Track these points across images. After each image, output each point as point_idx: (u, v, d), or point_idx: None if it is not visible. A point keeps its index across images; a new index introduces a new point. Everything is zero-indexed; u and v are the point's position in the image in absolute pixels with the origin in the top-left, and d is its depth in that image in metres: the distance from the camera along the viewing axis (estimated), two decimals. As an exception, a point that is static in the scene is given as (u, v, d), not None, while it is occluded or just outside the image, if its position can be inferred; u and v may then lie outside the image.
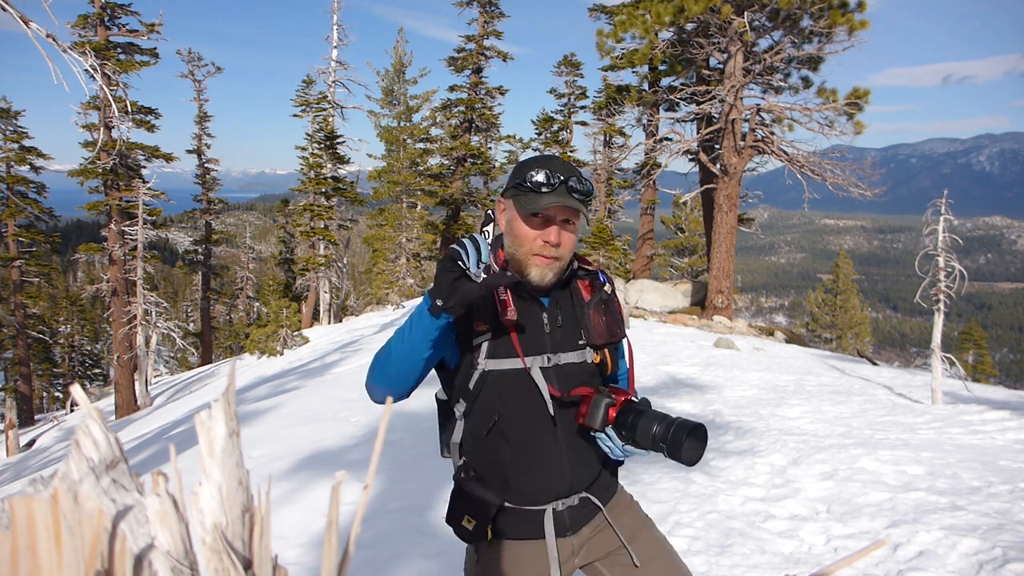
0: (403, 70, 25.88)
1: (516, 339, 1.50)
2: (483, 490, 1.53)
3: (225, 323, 42.12)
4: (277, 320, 16.93)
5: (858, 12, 13.90)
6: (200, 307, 33.00)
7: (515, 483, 1.56)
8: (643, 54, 15.54)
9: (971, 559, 3.15)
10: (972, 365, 26.30)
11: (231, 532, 0.44)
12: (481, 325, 1.51)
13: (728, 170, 15.05)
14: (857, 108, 14.40)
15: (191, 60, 31.34)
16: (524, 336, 1.52)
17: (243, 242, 44.23)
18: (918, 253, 7.42)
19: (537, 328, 1.55)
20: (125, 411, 18.65)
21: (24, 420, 22.84)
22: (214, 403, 0.45)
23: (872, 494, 4.06)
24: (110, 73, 17.03)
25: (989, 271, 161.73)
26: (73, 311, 36.27)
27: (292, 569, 3.31)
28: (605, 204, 30.93)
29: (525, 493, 1.56)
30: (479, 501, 1.52)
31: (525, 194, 1.49)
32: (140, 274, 19.57)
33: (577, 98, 32.04)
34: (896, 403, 6.86)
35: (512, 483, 1.56)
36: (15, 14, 4.07)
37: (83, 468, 0.43)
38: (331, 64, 28.26)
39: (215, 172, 32.72)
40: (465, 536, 1.57)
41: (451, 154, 29.39)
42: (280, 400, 8.10)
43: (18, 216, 24.04)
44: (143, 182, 20.03)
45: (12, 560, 0.40)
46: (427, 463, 4.95)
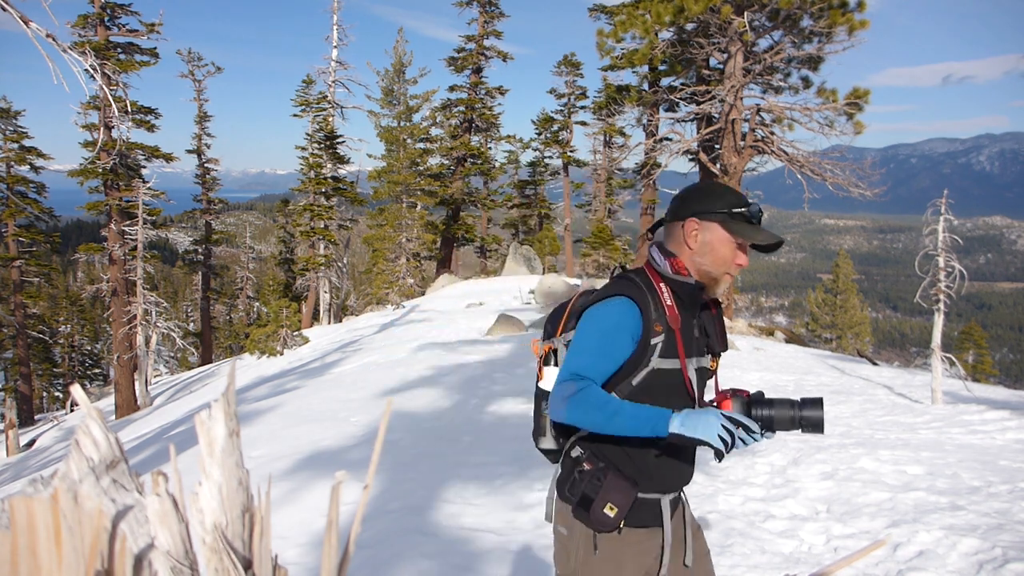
0: (403, 70, 25.87)
1: (681, 342, 1.67)
2: (624, 479, 1.64)
3: (225, 323, 42.11)
4: (277, 320, 16.93)
5: (858, 12, 13.89)
6: (200, 307, 33.00)
7: (656, 475, 1.69)
8: (643, 54, 15.54)
9: (971, 559, 3.15)
10: (972, 365, 26.29)
11: (231, 532, 0.44)
12: (659, 327, 1.66)
13: (728, 170, 15.05)
14: (857, 108, 14.40)
15: (191, 60, 31.33)
16: (685, 340, 1.70)
17: (243, 242, 44.23)
18: (918, 253, 7.42)
19: (691, 333, 1.73)
20: (125, 411, 18.65)
21: (24, 420, 22.84)
22: (214, 403, 0.45)
23: (872, 494, 4.05)
24: (110, 73, 17.03)
25: (989, 271, 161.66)
26: (73, 311, 36.27)
27: (292, 569, 3.31)
28: (605, 204, 30.91)
29: (658, 484, 1.70)
30: (625, 489, 1.62)
31: (738, 223, 1.69)
32: (140, 274, 19.57)
33: (577, 98, 32.03)
34: (896, 403, 6.86)
35: (653, 475, 1.69)
36: (15, 14, 4.07)
37: (83, 468, 0.43)
38: (331, 64, 28.24)
39: (215, 172, 32.71)
40: (602, 524, 1.64)
41: (451, 154, 29.38)
42: (280, 400, 8.10)
43: (18, 216, 24.04)
44: (143, 182, 20.02)
45: (12, 560, 0.40)
46: (427, 463, 4.95)
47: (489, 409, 6.49)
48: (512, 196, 34.30)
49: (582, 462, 1.68)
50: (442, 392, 7.26)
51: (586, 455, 1.69)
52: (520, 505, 4.11)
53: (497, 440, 5.50)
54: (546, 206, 33.83)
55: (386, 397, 7.22)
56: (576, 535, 1.71)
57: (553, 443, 1.80)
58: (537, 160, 33.55)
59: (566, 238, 31.32)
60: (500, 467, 4.82)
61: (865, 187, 14.69)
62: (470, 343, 10.56)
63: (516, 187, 34.33)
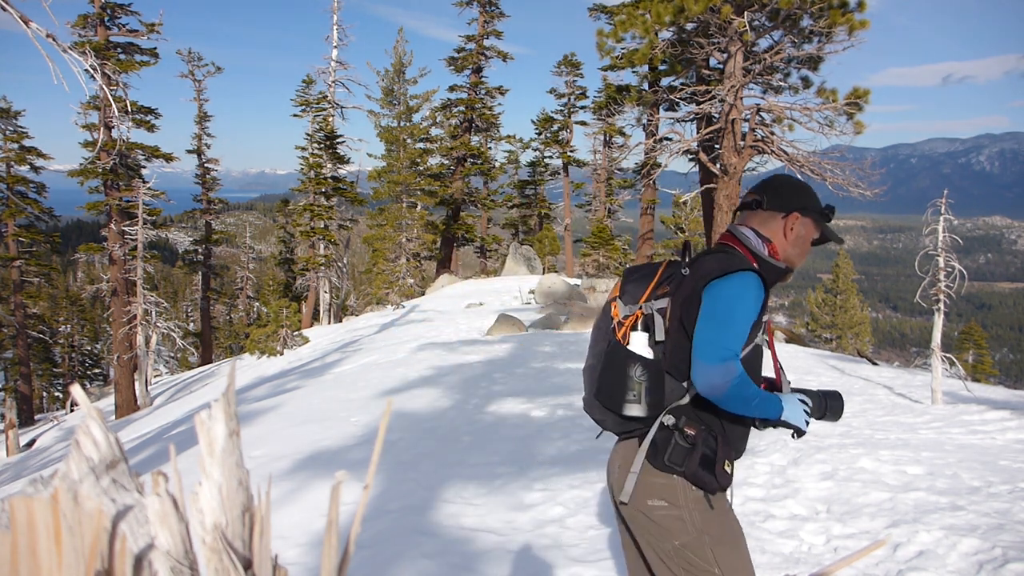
0: (403, 70, 25.85)
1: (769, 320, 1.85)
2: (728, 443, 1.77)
3: (225, 323, 42.10)
4: (277, 320, 16.92)
5: (858, 12, 13.88)
6: (200, 307, 32.99)
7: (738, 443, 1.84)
8: (643, 54, 15.53)
9: (971, 559, 3.15)
10: (972, 365, 26.29)
11: (231, 532, 0.44)
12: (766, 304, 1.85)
13: (728, 170, 15.04)
14: (857, 108, 14.38)
15: (191, 60, 31.32)
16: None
17: (243, 242, 44.21)
18: (918, 253, 7.41)
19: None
20: (125, 411, 18.64)
21: (24, 420, 22.84)
22: (214, 403, 0.45)
23: (872, 494, 4.05)
24: (110, 73, 17.03)
25: (989, 271, 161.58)
26: (73, 311, 36.26)
27: (292, 569, 3.31)
28: (605, 204, 30.91)
29: (737, 451, 1.84)
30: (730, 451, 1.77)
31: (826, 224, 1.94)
32: (140, 274, 19.56)
33: (577, 98, 32.02)
34: (896, 403, 6.86)
35: (738, 443, 1.83)
36: (15, 14, 4.07)
37: (83, 468, 0.43)
38: (331, 64, 28.24)
39: (215, 172, 32.70)
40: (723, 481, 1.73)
41: (451, 154, 29.37)
42: (280, 400, 8.10)
43: (18, 216, 24.03)
44: (143, 182, 20.02)
45: (12, 560, 0.40)
46: (427, 463, 4.95)
47: (489, 409, 6.49)
48: (512, 196, 34.30)
49: (683, 428, 1.71)
50: (442, 392, 7.27)
51: (684, 421, 1.72)
52: (519, 505, 4.11)
53: (497, 440, 5.50)
54: (546, 206, 33.83)
55: (386, 397, 7.22)
56: (683, 501, 1.73)
57: (645, 411, 1.75)
58: (537, 160, 33.54)
59: (566, 238, 31.32)
60: (500, 467, 4.83)
61: (865, 187, 14.68)
62: (470, 343, 10.56)
63: (516, 187, 34.33)
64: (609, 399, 1.77)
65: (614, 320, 1.85)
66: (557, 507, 4.05)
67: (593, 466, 4.74)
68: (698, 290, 1.74)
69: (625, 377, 1.75)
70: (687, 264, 1.83)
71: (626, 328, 1.81)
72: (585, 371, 1.94)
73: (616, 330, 1.82)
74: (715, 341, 1.66)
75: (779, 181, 1.94)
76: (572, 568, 3.27)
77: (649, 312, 1.80)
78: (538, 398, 6.79)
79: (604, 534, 3.66)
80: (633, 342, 1.79)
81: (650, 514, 1.75)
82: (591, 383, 1.87)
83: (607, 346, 1.81)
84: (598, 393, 1.80)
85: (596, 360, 1.85)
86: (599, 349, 1.85)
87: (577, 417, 6.06)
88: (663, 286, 1.83)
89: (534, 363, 8.62)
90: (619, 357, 1.77)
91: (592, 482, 4.43)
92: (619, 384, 1.75)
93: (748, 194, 1.97)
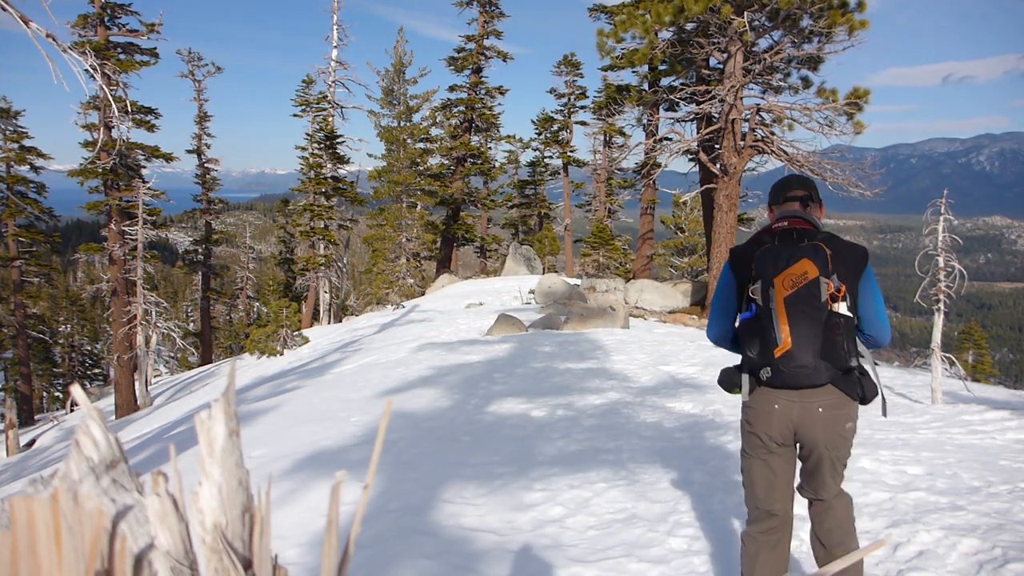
0: (403, 70, 25.85)
1: None
2: None
3: (225, 323, 42.10)
4: (277, 320, 16.92)
5: (858, 12, 13.87)
6: (200, 307, 32.99)
7: None
8: (643, 54, 15.52)
9: (971, 559, 3.15)
10: (972, 365, 26.28)
11: (231, 532, 0.44)
12: None
13: (728, 170, 15.04)
14: (857, 108, 14.38)
15: (191, 60, 31.32)
16: None
17: (243, 242, 44.21)
18: (918, 253, 7.42)
19: None
20: (125, 411, 18.65)
21: (24, 420, 22.84)
22: (214, 403, 0.45)
23: (872, 494, 4.05)
24: (110, 73, 17.04)
25: (989, 271, 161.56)
26: (73, 311, 36.26)
27: (292, 569, 3.32)
28: (605, 204, 30.91)
29: None
30: None
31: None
32: (140, 274, 19.57)
33: (577, 98, 32.02)
34: (896, 403, 6.85)
35: None
36: (15, 14, 4.07)
37: (83, 468, 0.43)
38: (331, 64, 28.23)
39: (215, 172, 32.70)
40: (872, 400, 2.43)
41: (451, 154, 29.36)
42: (280, 400, 8.10)
43: (18, 216, 24.03)
44: (143, 182, 20.02)
45: (12, 560, 0.40)
46: (427, 463, 4.95)
47: (489, 409, 6.49)
48: (512, 196, 34.30)
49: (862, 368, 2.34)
50: (442, 392, 7.27)
51: (859, 366, 2.33)
52: (519, 505, 4.11)
53: (497, 440, 5.50)
54: (546, 206, 33.83)
55: (386, 397, 7.22)
56: (854, 414, 2.36)
57: (855, 362, 2.28)
58: (537, 160, 33.54)
59: (566, 238, 31.32)
60: (500, 467, 4.83)
61: (865, 187, 14.67)
62: (470, 343, 10.56)
63: (516, 187, 34.33)
64: (836, 359, 2.24)
65: (826, 293, 2.24)
66: (557, 507, 4.05)
67: (593, 466, 4.74)
68: (860, 269, 2.32)
69: (846, 339, 2.25)
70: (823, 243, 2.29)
71: (835, 295, 2.26)
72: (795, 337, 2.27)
73: (830, 302, 2.25)
74: (883, 310, 2.38)
75: (810, 181, 2.48)
76: (572, 568, 3.28)
77: (838, 285, 2.27)
78: (538, 398, 6.79)
79: (604, 534, 3.66)
80: (841, 307, 2.27)
81: (846, 434, 2.34)
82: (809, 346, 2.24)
83: (827, 315, 2.24)
84: (824, 355, 2.24)
85: (813, 328, 2.24)
86: (816, 317, 2.23)
87: (577, 417, 6.06)
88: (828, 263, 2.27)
89: (534, 363, 8.62)
90: (843, 323, 2.25)
91: (592, 482, 4.43)
92: (837, 344, 2.24)
93: (797, 190, 2.46)
